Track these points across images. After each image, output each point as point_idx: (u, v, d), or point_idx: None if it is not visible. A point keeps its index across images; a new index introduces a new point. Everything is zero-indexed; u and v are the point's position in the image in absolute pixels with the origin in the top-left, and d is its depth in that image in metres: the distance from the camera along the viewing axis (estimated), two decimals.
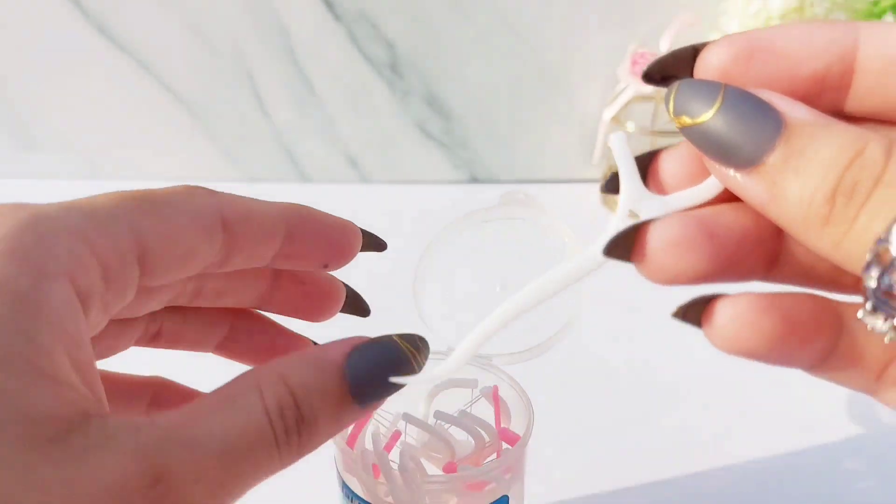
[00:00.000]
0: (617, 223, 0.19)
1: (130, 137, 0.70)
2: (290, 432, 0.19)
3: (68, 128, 0.70)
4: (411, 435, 0.32)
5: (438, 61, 0.67)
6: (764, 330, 0.18)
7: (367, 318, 0.28)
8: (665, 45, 0.63)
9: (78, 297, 0.18)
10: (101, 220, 0.20)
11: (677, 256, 0.18)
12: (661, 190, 0.20)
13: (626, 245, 0.19)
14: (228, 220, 0.23)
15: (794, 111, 0.17)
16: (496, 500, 0.34)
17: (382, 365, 0.20)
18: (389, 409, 0.32)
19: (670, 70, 0.20)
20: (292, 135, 0.69)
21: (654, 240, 0.19)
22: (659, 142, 0.67)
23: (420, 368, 0.21)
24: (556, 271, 0.20)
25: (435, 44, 0.66)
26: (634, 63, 0.63)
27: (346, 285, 0.28)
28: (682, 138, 0.19)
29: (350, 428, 0.33)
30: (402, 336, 0.21)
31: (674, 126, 0.19)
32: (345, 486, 0.33)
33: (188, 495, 0.17)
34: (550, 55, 0.67)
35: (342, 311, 0.28)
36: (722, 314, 0.18)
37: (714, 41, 0.19)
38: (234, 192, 0.24)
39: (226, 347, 0.27)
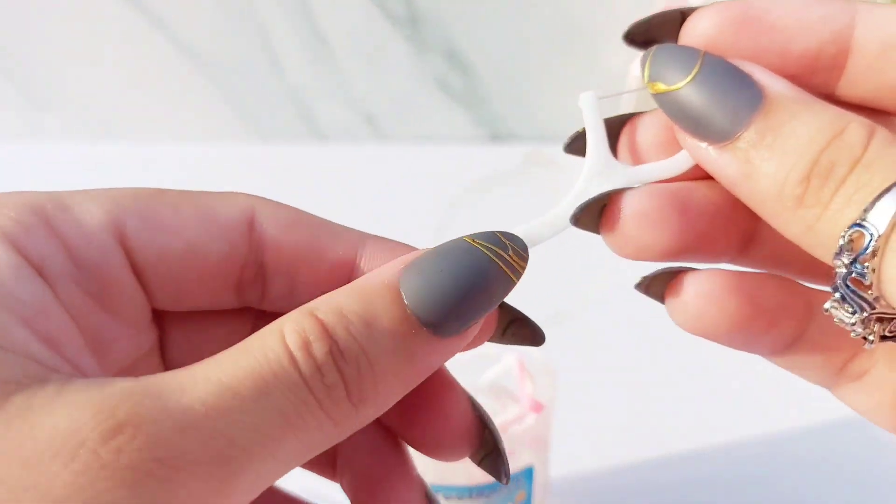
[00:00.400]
0: (578, 191, 0.18)
1: (144, 97, 0.69)
2: (327, 371, 0.14)
3: (81, 88, 0.69)
4: None
5: (459, 16, 0.65)
6: (729, 310, 0.17)
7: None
8: (694, 3, 0.61)
9: (31, 265, 0.15)
10: (65, 199, 0.16)
11: (646, 230, 0.17)
12: (630, 158, 0.19)
13: (593, 214, 0.18)
14: (257, 218, 0.18)
15: (774, 85, 0.16)
16: (521, 470, 0.33)
17: (456, 278, 0.16)
18: None
19: (654, 33, 0.19)
20: (307, 92, 0.68)
21: (624, 210, 0.18)
22: None
23: (514, 274, 0.16)
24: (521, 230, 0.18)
25: (459, 6, 0.64)
26: None
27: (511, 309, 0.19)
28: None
29: None
30: (480, 236, 0.16)
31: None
32: None
33: (170, 449, 0.12)
34: (575, 8, 0.65)
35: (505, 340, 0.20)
36: (688, 290, 0.18)
37: (704, 7, 0.18)
38: (247, 151, 0.20)
39: None
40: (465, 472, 0.31)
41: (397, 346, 0.15)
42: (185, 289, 0.17)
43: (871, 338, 0.16)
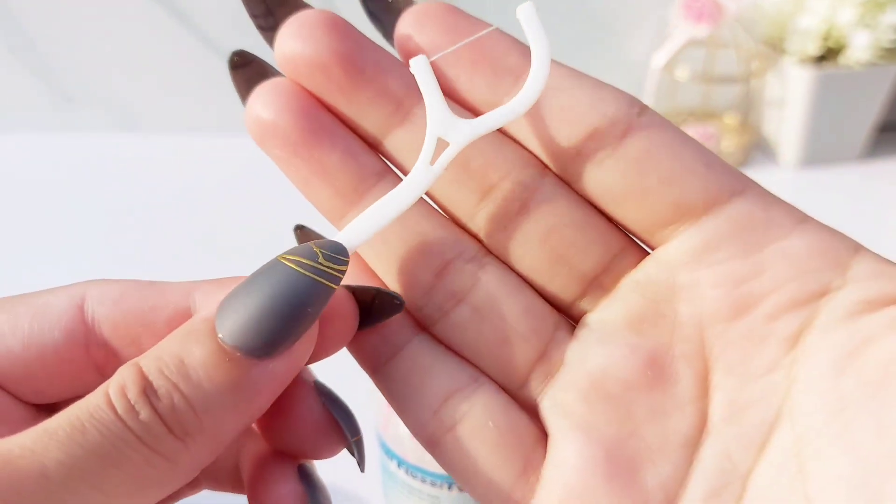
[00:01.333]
0: (425, 152, 0.18)
1: (167, 90, 0.70)
2: (141, 408, 0.15)
3: (105, 81, 0.69)
4: None
5: (482, 6, 0.65)
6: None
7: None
8: None
9: None
10: None
11: None
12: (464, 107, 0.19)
13: None
14: (87, 301, 0.18)
15: None
16: None
17: (263, 298, 0.15)
18: None
19: (381, 7, 0.19)
20: None
21: None
22: (713, 89, 0.65)
23: (330, 280, 0.16)
24: (397, 191, 0.18)
25: None
26: (687, 6, 0.60)
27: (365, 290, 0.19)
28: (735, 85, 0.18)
29: None
30: (293, 251, 0.16)
31: (732, 73, 0.17)
32: (383, 446, 0.32)
33: None
34: (596, 1, 0.64)
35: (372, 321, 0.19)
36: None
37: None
38: None
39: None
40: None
41: (212, 376, 0.15)
42: (42, 382, 0.18)
43: None
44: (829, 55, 0.59)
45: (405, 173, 0.19)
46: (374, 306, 0.18)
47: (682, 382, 0.18)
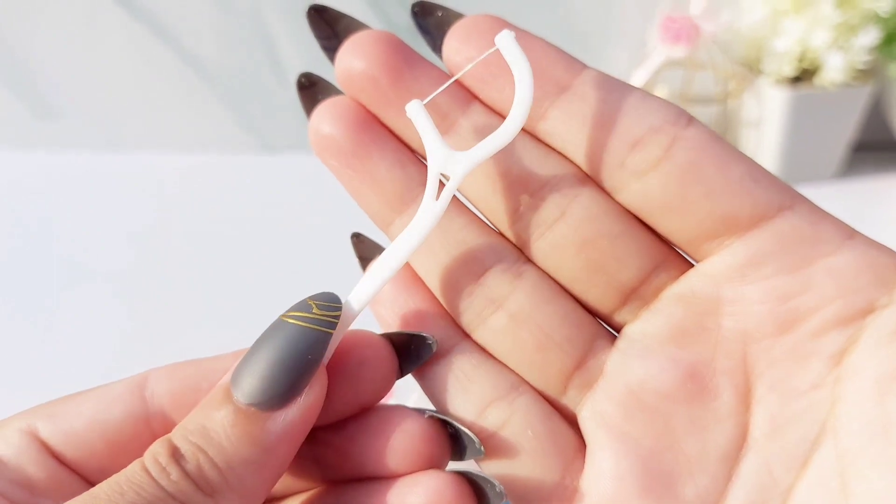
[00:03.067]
0: (429, 190, 0.19)
1: (148, 107, 0.69)
2: (171, 470, 0.16)
3: (85, 97, 0.69)
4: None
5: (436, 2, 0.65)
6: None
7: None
8: (697, 8, 0.61)
9: None
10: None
11: None
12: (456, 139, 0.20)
13: None
14: (149, 380, 0.19)
15: None
16: None
17: (268, 353, 0.17)
18: None
19: (431, 19, 0.21)
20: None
21: None
22: (692, 109, 0.65)
23: (323, 326, 0.17)
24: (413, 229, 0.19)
25: (458, 7, 0.64)
26: (665, 27, 0.61)
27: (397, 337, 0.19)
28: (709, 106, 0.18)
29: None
30: (291, 308, 0.17)
31: (709, 93, 0.18)
32: None
33: None
34: (578, 17, 0.65)
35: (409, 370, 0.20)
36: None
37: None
38: (252, 161, 0.21)
39: None
40: None
41: (230, 434, 0.16)
42: (106, 459, 0.19)
43: None
44: (804, 76, 0.60)
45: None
46: (412, 350, 0.19)
47: (723, 397, 0.17)
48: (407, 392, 0.37)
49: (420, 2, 0.20)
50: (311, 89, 0.21)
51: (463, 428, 0.18)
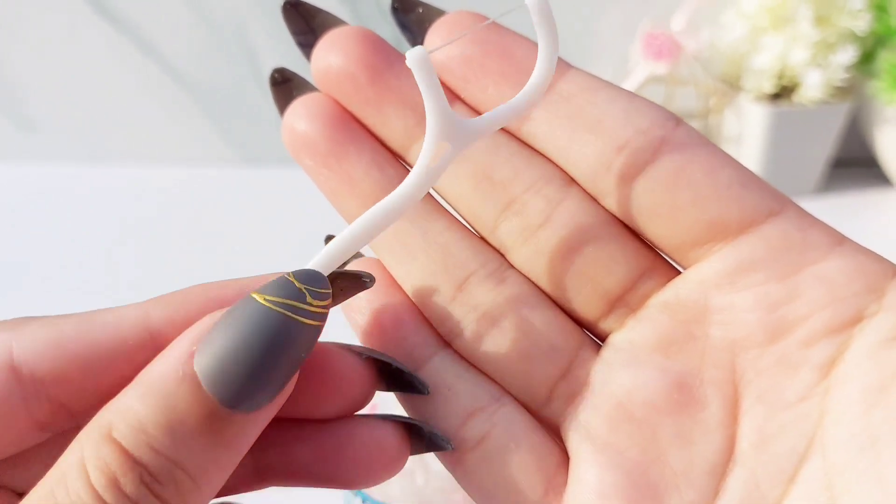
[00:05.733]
0: (423, 158, 0.17)
1: (130, 119, 0.69)
2: (145, 501, 0.13)
3: (68, 110, 0.68)
4: None
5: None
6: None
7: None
8: (678, 25, 0.62)
9: None
10: None
11: None
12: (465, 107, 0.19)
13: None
14: (15, 356, 0.15)
15: None
16: None
17: (252, 351, 0.14)
18: None
19: (412, 16, 0.20)
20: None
21: None
22: None
23: (317, 320, 0.15)
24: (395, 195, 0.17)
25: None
26: (646, 44, 0.61)
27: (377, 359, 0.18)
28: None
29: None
30: (272, 289, 0.15)
31: (691, 109, 0.18)
32: None
33: None
34: (560, 34, 0.65)
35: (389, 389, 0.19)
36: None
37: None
38: (234, 175, 0.20)
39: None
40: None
41: (207, 442, 0.14)
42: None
43: None
44: (783, 93, 0.61)
45: None
46: (395, 381, 0.18)
47: (711, 408, 0.17)
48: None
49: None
50: (285, 85, 0.20)
51: (433, 430, 0.18)
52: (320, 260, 0.16)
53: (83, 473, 0.13)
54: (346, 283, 0.17)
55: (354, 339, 0.19)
